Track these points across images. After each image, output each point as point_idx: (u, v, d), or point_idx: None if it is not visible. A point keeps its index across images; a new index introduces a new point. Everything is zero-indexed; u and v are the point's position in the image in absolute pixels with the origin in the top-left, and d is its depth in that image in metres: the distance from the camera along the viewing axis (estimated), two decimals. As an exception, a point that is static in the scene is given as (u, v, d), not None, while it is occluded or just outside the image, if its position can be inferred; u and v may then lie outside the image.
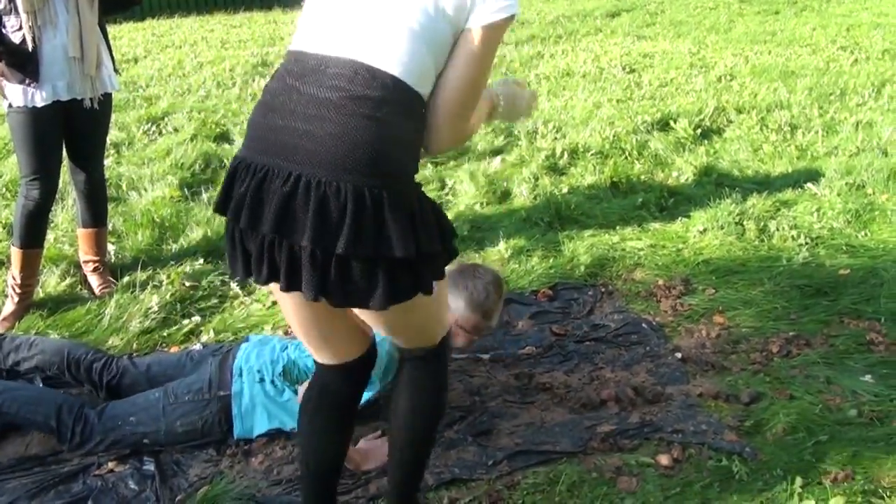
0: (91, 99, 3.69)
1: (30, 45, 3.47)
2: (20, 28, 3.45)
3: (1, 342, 3.17)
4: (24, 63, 3.49)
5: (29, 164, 3.66)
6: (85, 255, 4.08)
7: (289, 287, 1.80)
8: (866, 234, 4.49)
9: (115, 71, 3.89)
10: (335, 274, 1.76)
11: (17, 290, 3.80)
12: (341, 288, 1.79)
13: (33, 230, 3.78)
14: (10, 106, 3.58)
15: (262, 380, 2.88)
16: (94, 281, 4.05)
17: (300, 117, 1.76)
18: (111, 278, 4.08)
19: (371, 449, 2.78)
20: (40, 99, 3.54)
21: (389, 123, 1.76)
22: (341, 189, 1.71)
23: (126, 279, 4.06)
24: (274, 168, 1.75)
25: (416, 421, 2.22)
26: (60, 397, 2.87)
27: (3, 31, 3.46)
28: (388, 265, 1.78)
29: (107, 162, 5.65)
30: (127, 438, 2.79)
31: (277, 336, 3.30)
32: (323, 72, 1.79)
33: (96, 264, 4.07)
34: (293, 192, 1.72)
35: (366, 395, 2.88)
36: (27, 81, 3.51)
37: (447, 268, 2.03)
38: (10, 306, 3.81)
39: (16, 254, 3.78)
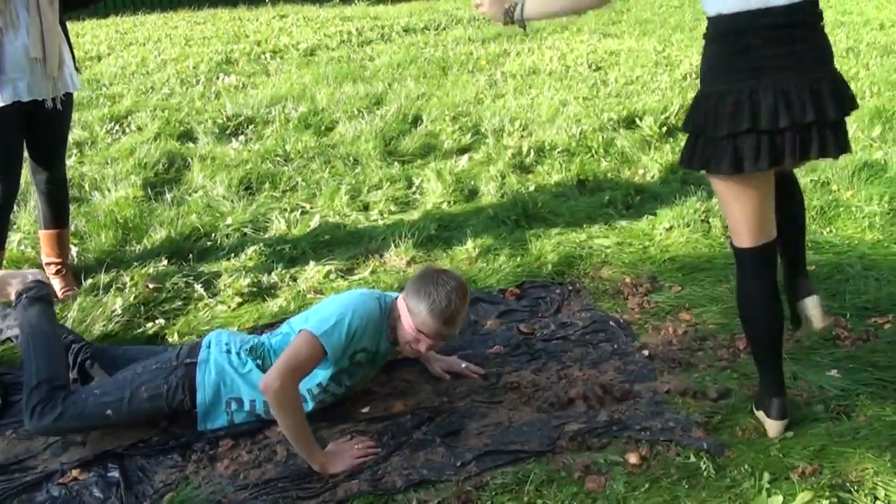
0: (53, 99, 3.63)
1: None
2: None
3: None
4: None
5: None
6: (47, 256, 4.02)
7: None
8: (831, 231, 4.53)
9: (76, 69, 3.83)
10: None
11: None
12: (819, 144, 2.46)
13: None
14: None
15: (228, 350, 2.90)
16: (56, 284, 3.98)
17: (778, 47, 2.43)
18: (74, 281, 4.02)
19: (338, 452, 2.76)
20: (0, 100, 3.47)
21: (822, 29, 2.49)
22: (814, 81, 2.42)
23: (89, 281, 4.00)
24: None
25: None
26: (58, 371, 2.85)
27: None
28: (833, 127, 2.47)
29: (69, 161, 5.59)
30: (89, 409, 2.77)
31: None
32: (778, 16, 2.41)
33: (59, 266, 4.00)
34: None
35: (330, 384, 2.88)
36: None
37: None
38: None
39: None
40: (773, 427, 2.85)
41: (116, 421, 2.82)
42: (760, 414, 2.91)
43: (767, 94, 2.43)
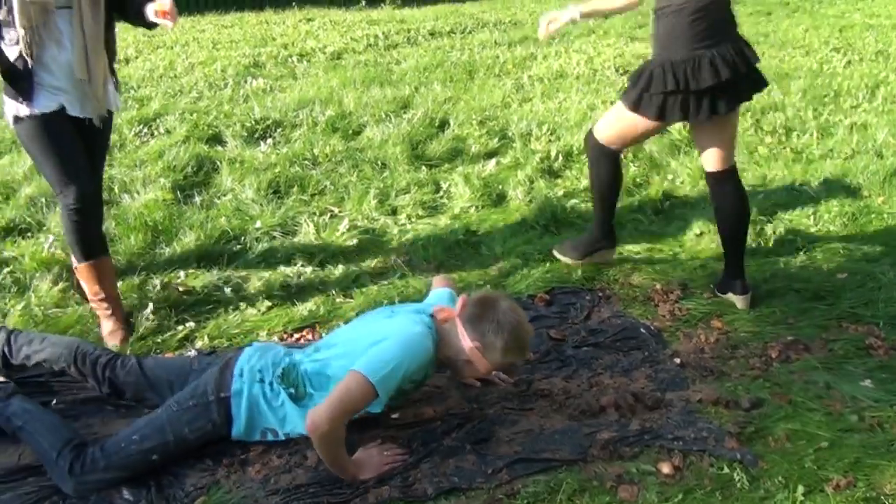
0: (100, 117, 3.52)
1: (24, 62, 3.27)
2: (18, 42, 3.25)
3: (17, 336, 3.17)
4: (19, 79, 3.32)
5: (54, 172, 3.44)
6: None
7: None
8: (863, 238, 4.48)
9: (116, 89, 3.69)
10: None
11: (105, 307, 3.65)
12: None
13: (89, 240, 3.57)
14: (15, 120, 3.39)
15: (261, 380, 2.83)
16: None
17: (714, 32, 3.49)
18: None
19: (367, 458, 2.75)
20: (47, 106, 3.35)
21: None
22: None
23: (119, 284, 4.01)
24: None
25: None
26: (71, 433, 2.78)
27: (1, 43, 3.30)
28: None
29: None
30: (133, 457, 2.69)
31: (279, 343, 3.21)
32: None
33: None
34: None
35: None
36: (20, 99, 3.33)
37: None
38: (109, 326, 3.64)
39: (82, 271, 3.63)
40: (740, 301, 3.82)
41: (164, 462, 2.74)
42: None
43: (726, 54, 3.45)
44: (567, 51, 9.38)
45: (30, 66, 3.30)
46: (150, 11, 3.41)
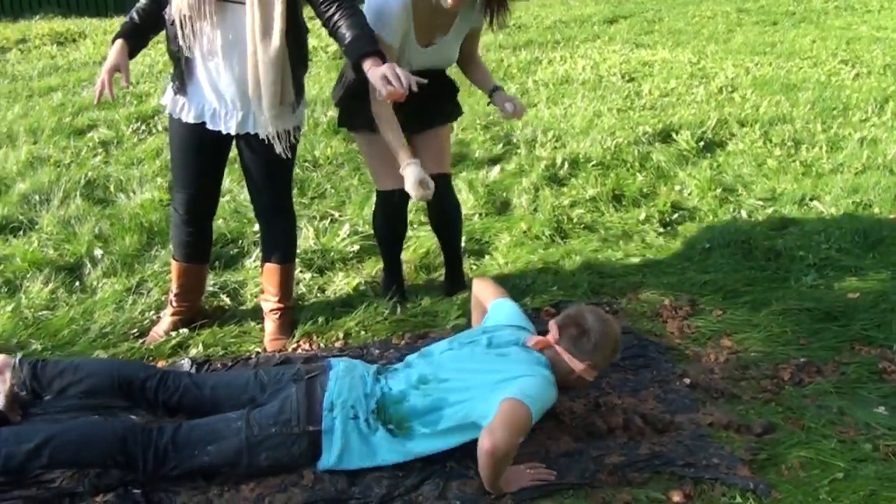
0: (260, 136, 3.21)
1: (180, 51, 3.09)
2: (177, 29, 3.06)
3: (43, 368, 2.84)
4: (175, 65, 3.18)
5: (172, 172, 3.46)
6: (263, 292, 3.67)
7: None
8: (874, 256, 4.38)
9: (296, 108, 3.29)
10: None
11: (173, 303, 3.61)
12: None
13: (180, 242, 3.53)
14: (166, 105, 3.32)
15: (355, 416, 2.69)
16: (267, 326, 3.63)
17: None
18: (287, 328, 3.63)
19: (516, 472, 2.68)
20: (186, 114, 3.21)
21: None
22: None
23: (116, 287, 3.90)
24: None
25: None
26: (120, 427, 2.62)
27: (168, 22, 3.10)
28: None
29: (94, 161, 5.51)
30: (203, 468, 2.61)
31: (360, 362, 2.98)
32: None
33: (272, 306, 3.61)
34: None
35: None
36: (176, 88, 3.21)
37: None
38: (165, 319, 3.64)
39: (172, 264, 3.62)
40: None
41: (228, 477, 2.65)
42: None
43: None
44: (572, 56, 9.28)
45: (183, 57, 3.12)
46: (380, 87, 2.85)
